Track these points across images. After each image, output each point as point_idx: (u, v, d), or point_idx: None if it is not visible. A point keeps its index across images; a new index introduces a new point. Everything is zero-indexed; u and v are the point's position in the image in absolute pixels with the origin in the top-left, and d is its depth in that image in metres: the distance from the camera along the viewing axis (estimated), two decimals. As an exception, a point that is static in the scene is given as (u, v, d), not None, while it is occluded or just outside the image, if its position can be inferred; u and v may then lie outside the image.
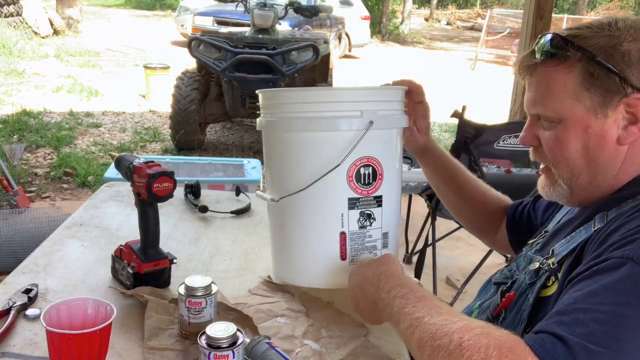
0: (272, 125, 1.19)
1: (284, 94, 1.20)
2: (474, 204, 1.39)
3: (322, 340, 1.10)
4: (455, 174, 1.37)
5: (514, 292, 1.03)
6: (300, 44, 5.05)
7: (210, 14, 9.64)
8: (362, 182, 1.13)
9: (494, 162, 3.27)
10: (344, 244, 1.15)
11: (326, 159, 1.11)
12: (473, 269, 3.03)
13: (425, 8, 29.98)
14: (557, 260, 0.95)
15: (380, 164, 1.15)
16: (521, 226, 1.30)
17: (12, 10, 10.60)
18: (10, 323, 1.05)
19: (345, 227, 1.14)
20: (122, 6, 20.43)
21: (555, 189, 1.02)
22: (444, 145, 6.55)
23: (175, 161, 3.45)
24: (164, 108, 6.10)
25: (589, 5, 24.89)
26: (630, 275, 0.76)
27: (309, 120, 1.12)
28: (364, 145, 1.11)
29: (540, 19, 3.44)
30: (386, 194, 1.16)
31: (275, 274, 1.30)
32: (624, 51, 0.90)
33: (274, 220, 1.26)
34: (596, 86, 0.91)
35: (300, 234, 1.19)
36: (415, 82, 1.27)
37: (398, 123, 1.20)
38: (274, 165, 1.22)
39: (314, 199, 1.14)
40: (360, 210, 1.14)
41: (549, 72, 0.96)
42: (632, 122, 0.92)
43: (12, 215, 3.43)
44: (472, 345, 0.74)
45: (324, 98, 1.15)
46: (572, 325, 0.75)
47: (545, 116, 0.98)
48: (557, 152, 0.97)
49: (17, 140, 5.31)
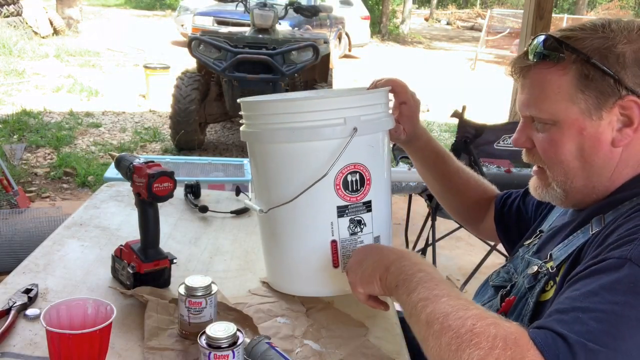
0: (255, 137, 1.18)
1: (266, 104, 1.18)
2: (458, 193, 1.40)
3: (322, 340, 1.10)
4: (440, 163, 1.37)
5: (514, 296, 1.03)
6: (300, 44, 5.05)
7: (210, 14, 9.63)
8: (349, 189, 1.13)
9: (494, 162, 3.27)
10: (336, 252, 1.14)
11: (312, 169, 1.10)
12: (473, 269, 3.03)
13: (425, 8, 29.99)
14: (556, 264, 0.95)
15: (367, 169, 1.14)
16: (510, 219, 1.30)
17: (12, 10, 10.59)
18: (10, 323, 1.05)
19: (336, 235, 1.13)
20: (122, 6, 20.41)
21: (548, 191, 1.01)
22: (444, 145, 6.54)
23: (175, 161, 3.45)
24: (164, 108, 6.09)
25: (589, 5, 24.89)
26: (629, 275, 0.77)
27: (291, 131, 1.10)
28: (349, 153, 1.10)
29: (540, 19, 3.43)
30: (375, 198, 1.16)
31: (270, 281, 1.30)
32: (618, 53, 0.90)
33: (264, 230, 1.25)
34: (591, 88, 0.91)
35: (291, 244, 1.18)
36: (399, 82, 1.26)
37: (383, 126, 1.19)
38: (260, 176, 1.21)
39: (302, 210, 1.13)
40: (350, 217, 1.13)
41: (543, 74, 0.95)
42: (626, 125, 0.92)
43: (12, 215, 3.43)
44: (482, 333, 0.75)
45: (305, 108, 1.13)
46: (571, 324, 0.75)
47: (540, 118, 0.97)
48: (552, 154, 0.97)
49: (17, 140, 5.31)
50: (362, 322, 1.16)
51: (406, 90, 1.27)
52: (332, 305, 1.22)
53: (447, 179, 1.38)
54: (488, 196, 1.39)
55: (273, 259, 1.25)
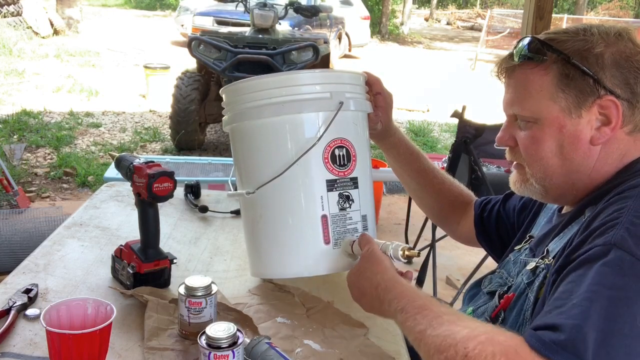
0: (242, 117, 1.20)
1: (254, 81, 1.20)
2: (433, 192, 1.42)
3: (322, 340, 1.10)
4: (415, 161, 1.40)
5: (513, 293, 1.04)
6: (300, 43, 5.05)
7: (210, 14, 9.62)
8: (337, 163, 1.15)
9: (494, 162, 3.28)
10: (327, 227, 1.15)
11: (299, 142, 1.13)
12: (473, 269, 3.03)
13: (425, 8, 29.99)
14: (552, 256, 0.97)
15: (352, 145, 1.17)
16: (490, 224, 1.32)
17: (12, 10, 10.59)
18: (10, 323, 1.05)
19: (326, 209, 1.15)
20: (122, 6, 20.42)
21: (526, 186, 1.04)
22: (443, 146, 6.58)
23: (175, 161, 3.45)
24: (164, 108, 6.09)
25: (589, 5, 24.89)
26: (615, 259, 0.79)
27: (281, 105, 1.14)
28: (336, 127, 1.14)
29: (540, 19, 3.43)
30: (360, 175, 1.18)
31: (256, 272, 1.29)
32: (597, 54, 0.94)
33: (250, 216, 1.24)
34: (571, 87, 0.94)
35: (280, 223, 1.18)
36: (373, 75, 1.31)
37: (364, 107, 1.23)
38: (246, 158, 1.22)
39: (291, 184, 1.15)
40: (339, 192, 1.15)
41: (526, 74, 0.99)
42: (604, 124, 0.95)
43: (12, 215, 3.43)
44: (478, 355, 0.75)
45: (292, 82, 1.17)
46: (567, 311, 0.77)
47: (522, 116, 1.00)
48: (533, 151, 1.00)
49: (17, 140, 5.31)
50: (362, 322, 1.16)
51: (380, 83, 1.31)
52: (332, 305, 1.22)
53: (422, 176, 1.40)
54: (464, 199, 1.41)
55: (261, 245, 1.23)
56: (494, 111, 6.39)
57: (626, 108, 0.93)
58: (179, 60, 8.26)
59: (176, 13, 13.55)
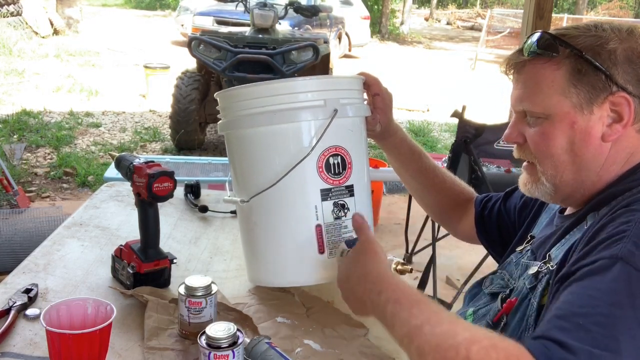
0: (236, 124, 1.19)
1: (247, 89, 1.18)
2: (434, 191, 1.40)
3: (322, 340, 1.10)
4: (416, 160, 1.38)
5: (515, 297, 1.02)
6: (300, 43, 5.05)
7: (210, 13, 9.62)
8: (332, 172, 1.14)
9: (494, 162, 3.27)
10: (321, 237, 1.14)
11: (295, 150, 1.11)
12: (473, 269, 3.03)
13: (425, 8, 29.98)
14: (555, 263, 0.95)
15: (348, 153, 1.15)
16: (491, 221, 1.31)
17: (12, 10, 10.59)
18: (10, 323, 1.05)
19: (320, 219, 1.14)
20: (122, 6, 20.42)
21: (537, 186, 1.02)
22: (443, 145, 6.58)
23: (175, 161, 3.45)
24: (164, 108, 6.09)
25: (589, 5, 24.88)
26: (622, 274, 0.77)
27: (273, 114, 1.12)
28: (330, 135, 1.12)
29: (540, 18, 3.43)
30: (357, 183, 1.17)
31: (253, 278, 1.28)
32: (610, 50, 0.92)
33: (245, 223, 1.24)
34: (583, 82, 0.93)
35: (275, 232, 1.17)
36: (372, 75, 1.28)
37: (361, 112, 1.21)
38: (240, 165, 1.21)
39: (285, 194, 1.13)
40: (334, 201, 1.14)
41: (537, 69, 0.97)
42: (616, 121, 0.93)
43: (12, 215, 3.43)
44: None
45: (286, 90, 1.14)
46: (573, 331, 0.74)
47: (532, 112, 0.99)
48: (543, 147, 0.98)
49: (17, 140, 5.31)
50: (362, 322, 1.16)
51: (379, 83, 1.28)
52: (332, 305, 1.22)
53: (424, 176, 1.39)
54: (465, 197, 1.40)
55: (256, 252, 1.23)
56: (494, 111, 6.35)
57: (638, 105, 0.92)
58: (179, 60, 8.26)
59: (176, 13, 13.56)
